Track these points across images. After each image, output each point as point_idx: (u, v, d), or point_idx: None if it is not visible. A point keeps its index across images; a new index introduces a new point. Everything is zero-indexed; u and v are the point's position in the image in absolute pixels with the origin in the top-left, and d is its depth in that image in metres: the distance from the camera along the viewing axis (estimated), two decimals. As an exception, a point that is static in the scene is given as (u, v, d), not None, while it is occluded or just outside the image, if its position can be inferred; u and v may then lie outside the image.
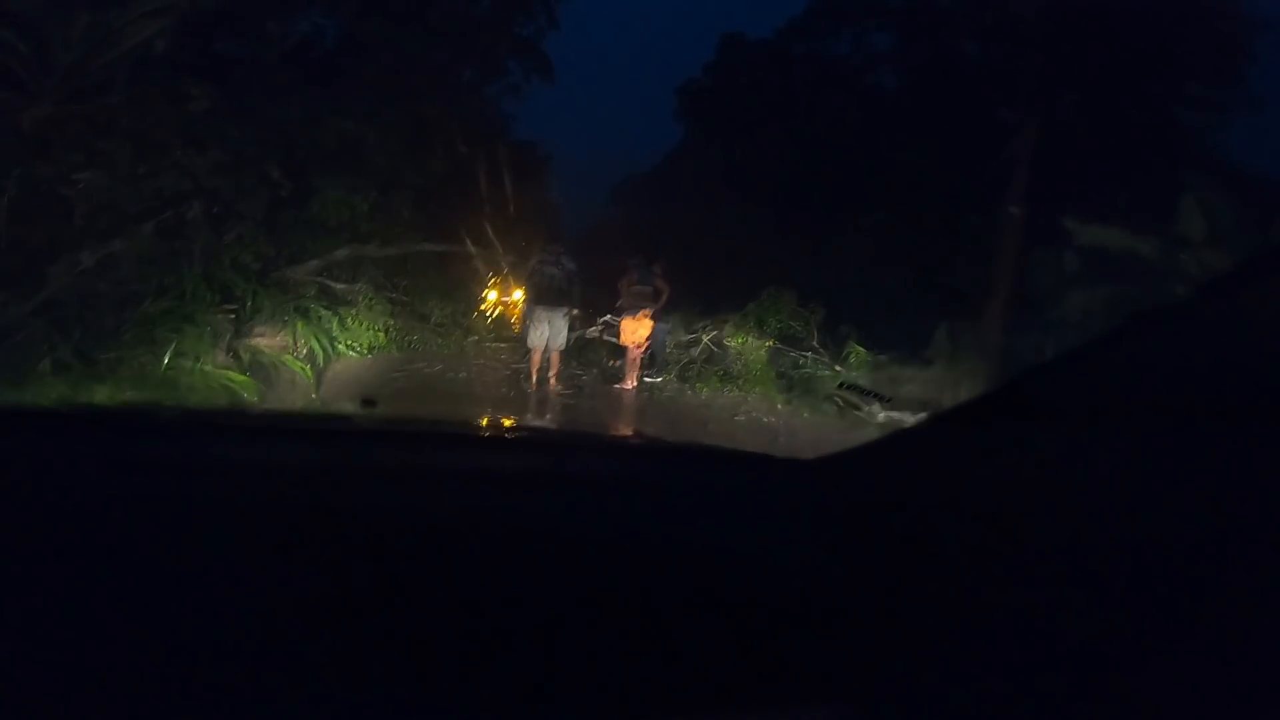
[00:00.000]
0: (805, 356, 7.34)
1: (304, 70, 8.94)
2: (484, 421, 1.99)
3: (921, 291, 7.85)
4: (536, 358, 6.20)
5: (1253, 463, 0.55)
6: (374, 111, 8.02)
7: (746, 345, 7.44)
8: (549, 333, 6.09)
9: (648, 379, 7.09)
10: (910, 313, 7.59)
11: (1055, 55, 9.58)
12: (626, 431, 3.12)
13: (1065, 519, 0.67)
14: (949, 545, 0.75)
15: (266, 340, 5.73)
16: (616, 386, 6.80)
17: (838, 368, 7.12)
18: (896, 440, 0.96)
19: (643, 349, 6.81)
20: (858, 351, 7.24)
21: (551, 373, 6.25)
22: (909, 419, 6.20)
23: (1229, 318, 0.59)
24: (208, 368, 4.77)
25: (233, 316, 5.49)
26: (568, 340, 6.37)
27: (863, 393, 4.88)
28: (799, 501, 0.95)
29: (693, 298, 7.82)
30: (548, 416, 5.40)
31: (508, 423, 2.10)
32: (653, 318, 6.80)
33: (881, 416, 6.31)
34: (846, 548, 0.82)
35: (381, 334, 6.88)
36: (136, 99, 6.05)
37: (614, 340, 7.37)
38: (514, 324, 8.88)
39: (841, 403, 6.64)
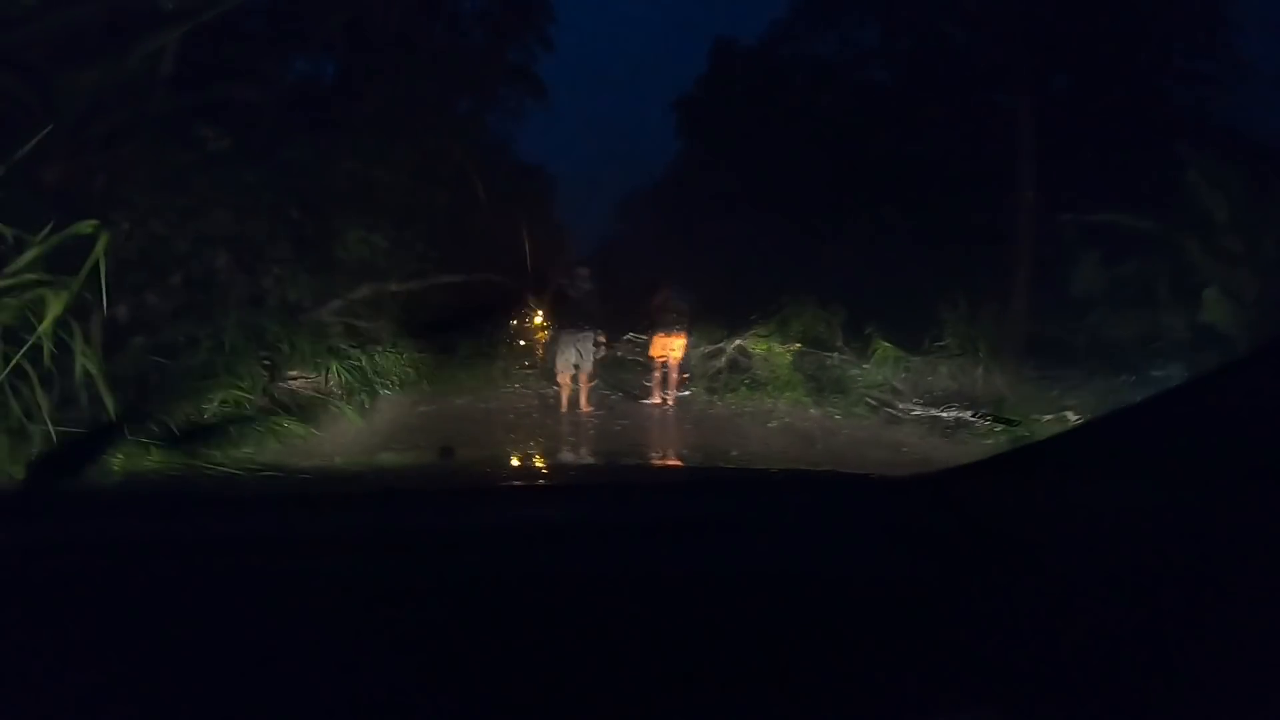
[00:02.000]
0: (831, 357, 7.35)
1: (306, 111, 9.03)
2: (554, 464, 1.94)
3: (937, 282, 7.86)
4: (566, 381, 6.19)
5: None
6: (380, 149, 8.10)
7: (771, 351, 7.46)
8: (575, 358, 6.10)
9: (677, 393, 7.09)
10: (928, 304, 7.60)
11: (1041, 36, 9.66)
12: (702, 458, 3.11)
13: (1135, 563, 0.68)
14: (1047, 563, 0.76)
15: (302, 383, 5.75)
16: (646, 403, 6.80)
17: (865, 366, 7.13)
18: (993, 461, 0.97)
19: (675, 365, 6.80)
20: (883, 348, 7.25)
21: (582, 396, 6.25)
22: (941, 415, 6.21)
23: None
24: (252, 414, 4.77)
25: (267, 362, 5.52)
26: (595, 363, 6.39)
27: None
28: (900, 521, 0.95)
29: (712, 308, 7.85)
30: (603, 446, 5.35)
31: (576, 461, 2.03)
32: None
33: (915, 412, 6.33)
34: (953, 565, 0.82)
35: (411, 369, 6.90)
36: (152, 146, 6.08)
37: (639, 358, 7.38)
38: (539, 351, 8.90)
39: (873, 402, 6.65)
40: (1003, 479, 0.92)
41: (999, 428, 5.50)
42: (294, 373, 5.74)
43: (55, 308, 3.22)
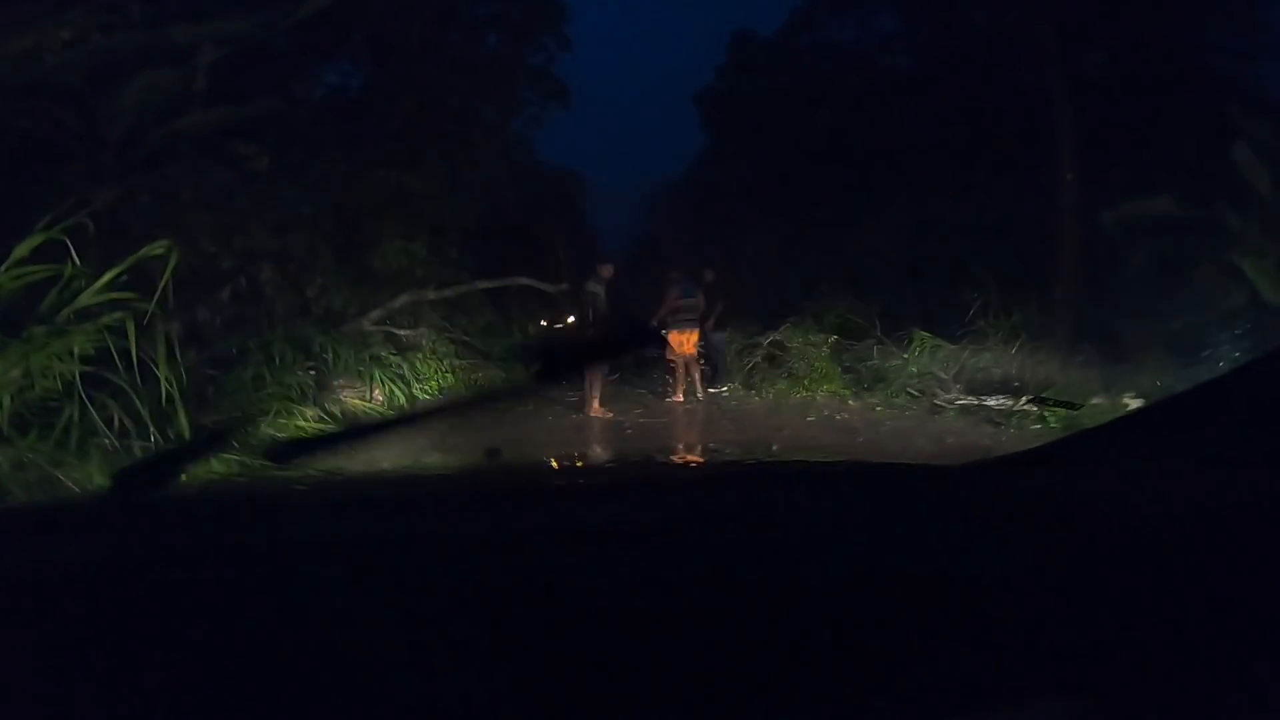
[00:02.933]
0: (870, 348, 7.27)
1: (337, 125, 9.21)
2: (587, 465, 1.95)
3: (976, 269, 7.72)
4: (597, 381, 6.27)
5: None
6: (411, 159, 8.23)
7: (807, 344, 7.40)
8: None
9: (713, 390, 7.08)
10: (967, 292, 7.47)
11: (1072, 13, 9.39)
12: (741, 453, 3.09)
13: (1196, 551, 0.68)
14: (1106, 551, 0.75)
15: (346, 392, 5.87)
16: (669, 401, 6.79)
17: (904, 356, 7.03)
18: (1050, 448, 0.94)
19: (697, 361, 6.79)
20: (921, 338, 7.15)
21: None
22: (987, 403, 6.11)
23: None
24: (303, 424, 4.89)
25: (313, 372, 5.65)
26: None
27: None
28: (956, 511, 0.93)
29: (745, 303, 7.82)
30: (630, 445, 5.39)
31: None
32: (709, 328, 6.79)
33: (960, 401, 6.23)
34: (1010, 556, 0.80)
35: (449, 375, 7.00)
36: (195, 166, 6.26)
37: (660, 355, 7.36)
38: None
39: (915, 392, 6.56)
40: (1061, 467, 0.90)
41: (1050, 414, 5.39)
42: (339, 381, 5.86)
43: (133, 328, 3.36)
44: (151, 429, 4.22)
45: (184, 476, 3.28)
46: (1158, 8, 9.93)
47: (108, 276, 3.95)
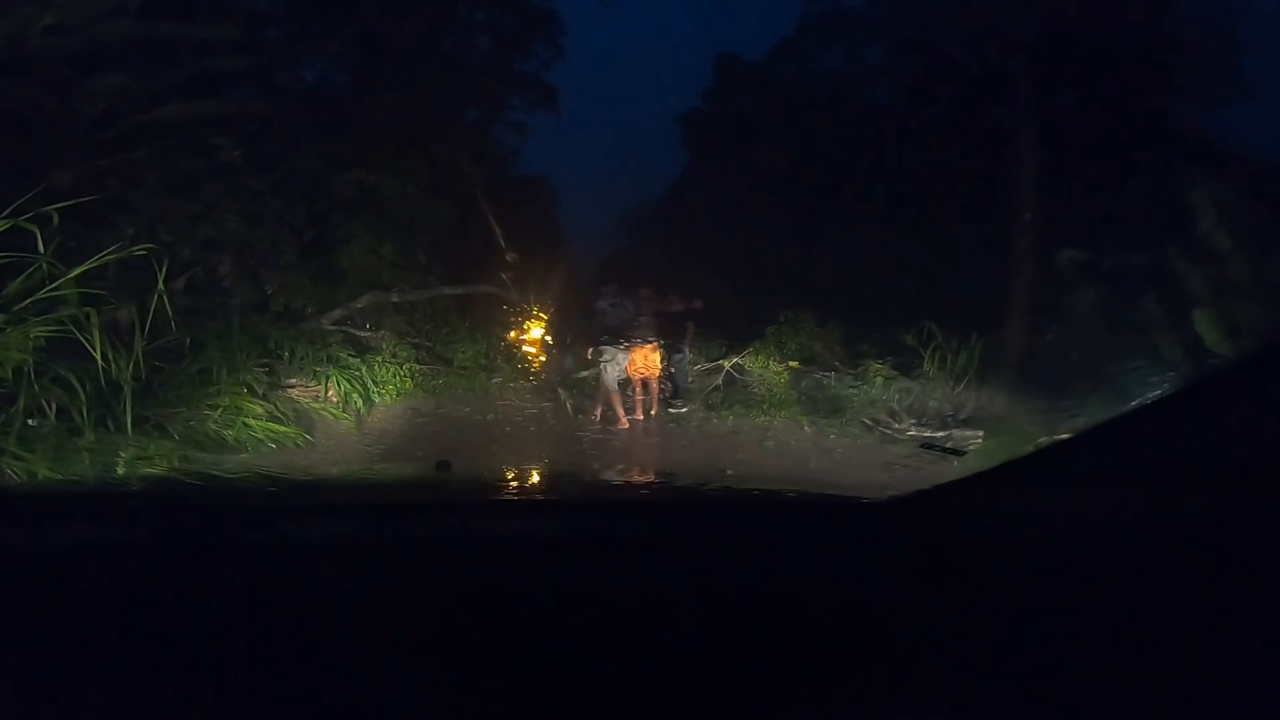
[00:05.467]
0: (828, 376, 7.39)
1: (316, 119, 9.14)
2: (540, 480, 1.96)
3: (931, 302, 7.90)
4: (616, 397, 6.43)
5: None
6: (388, 159, 8.19)
7: (768, 369, 7.49)
8: (619, 372, 6.38)
9: (671, 410, 7.11)
10: (922, 324, 7.64)
11: (1045, 56, 9.72)
12: (696, 476, 3.10)
13: (1126, 575, 0.69)
14: (1009, 585, 0.78)
15: (300, 390, 5.80)
16: (612, 427, 6.74)
17: (861, 385, 7.16)
18: (967, 484, 0.98)
19: (653, 381, 6.81)
20: (876, 369, 7.28)
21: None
22: (935, 435, 6.24)
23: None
24: (251, 421, 4.83)
25: (266, 368, 5.57)
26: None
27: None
28: (874, 545, 0.98)
29: (711, 324, 7.89)
30: (594, 462, 5.38)
31: (546, 479, 2.02)
32: (673, 348, 6.84)
33: (911, 433, 6.36)
34: (923, 584, 0.84)
35: (408, 379, 6.94)
36: (163, 153, 6.19)
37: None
38: (535, 363, 8.94)
39: (869, 422, 6.68)
40: (977, 497, 0.94)
41: (990, 446, 5.53)
42: (293, 380, 5.79)
43: (96, 320, 3.35)
44: (90, 420, 4.15)
45: (121, 469, 3.20)
46: (1128, 55, 10.31)
47: (78, 271, 3.91)
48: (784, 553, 0.97)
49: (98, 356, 3.94)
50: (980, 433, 5.85)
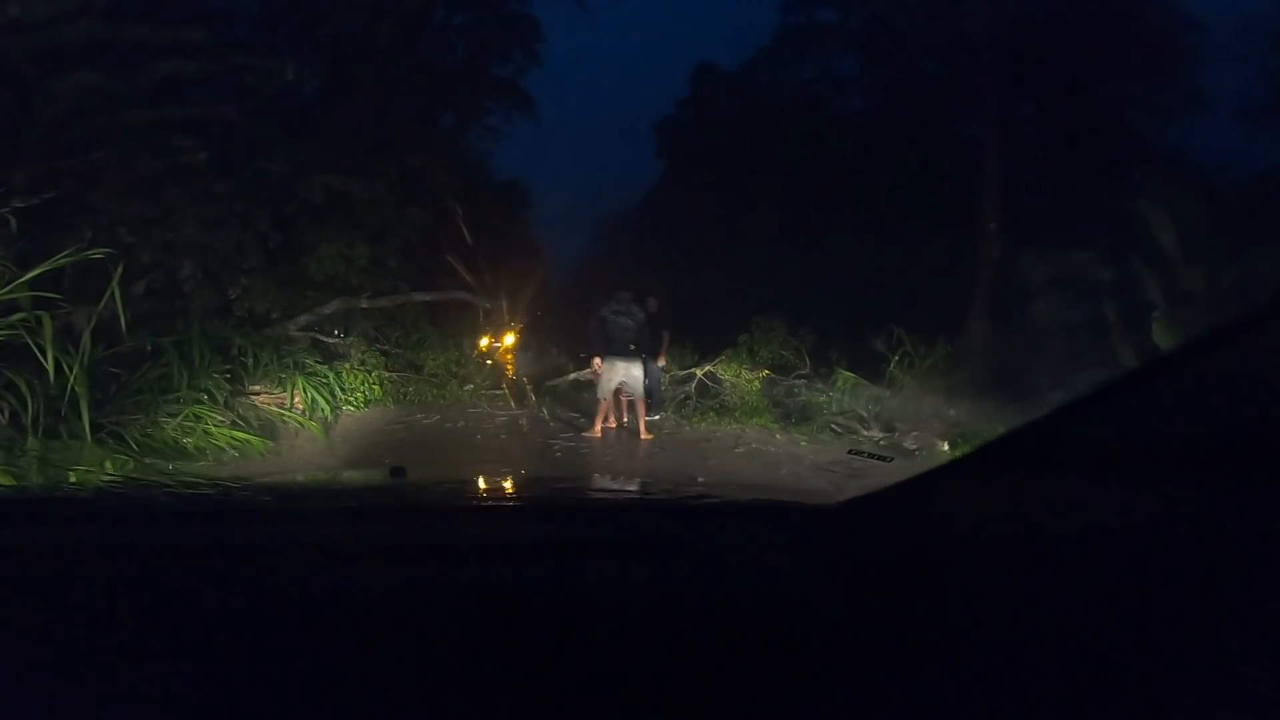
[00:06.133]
0: (799, 384, 7.46)
1: (285, 121, 9.00)
2: (508, 486, 1.96)
3: (899, 310, 8.04)
4: (604, 406, 6.38)
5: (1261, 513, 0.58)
6: (359, 163, 8.09)
7: (740, 377, 7.54)
8: (627, 381, 6.31)
9: (645, 418, 7.11)
10: (890, 332, 7.76)
11: (1009, 68, 9.98)
12: (643, 481, 3.11)
13: (1080, 564, 0.69)
14: (964, 586, 0.78)
15: (264, 397, 5.69)
16: (586, 434, 6.75)
17: (831, 393, 7.23)
18: (916, 484, 0.98)
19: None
20: (845, 376, 7.37)
21: (640, 420, 6.42)
22: (903, 440, 6.33)
23: (1240, 363, 0.62)
24: (212, 428, 4.72)
25: (229, 375, 5.46)
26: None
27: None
28: (825, 549, 0.99)
29: (684, 332, 7.92)
30: (564, 469, 5.35)
31: (514, 485, 2.03)
32: (648, 356, 6.84)
33: (879, 439, 6.44)
34: (870, 592, 0.85)
35: (377, 387, 6.85)
36: (124, 155, 6.04)
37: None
38: (508, 370, 8.89)
39: (838, 429, 6.75)
40: (930, 493, 0.95)
41: (955, 453, 5.63)
42: (257, 387, 5.68)
43: (49, 324, 3.27)
44: (43, 428, 4.03)
45: (73, 477, 3.11)
46: (1087, 69, 10.61)
47: (32, 274, 3.81)
48: (736, 557, 0.98)
49: (49, 363, 3.84)
50: (948, 439, 5.94)
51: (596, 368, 6.42)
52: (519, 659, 0.74)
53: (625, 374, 6.30)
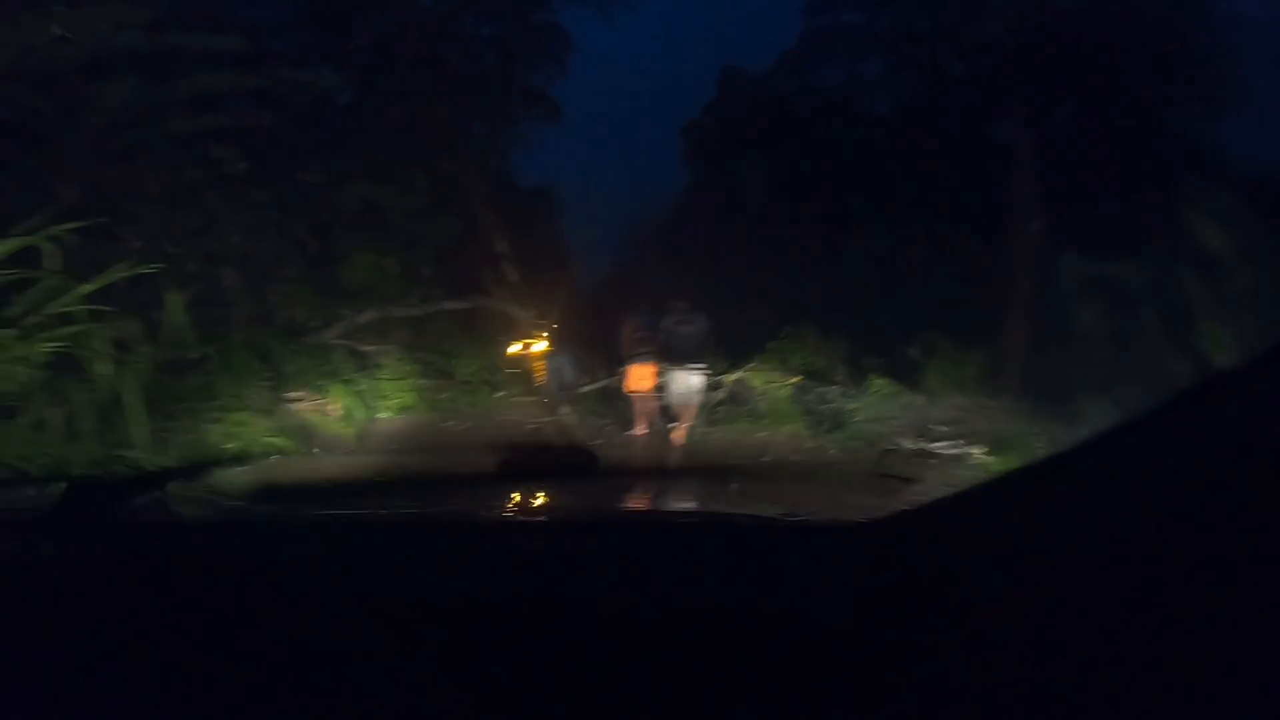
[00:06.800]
0: (830, 390, 7.37)
1: (320, 132, 9.19)
2: (538, 497, 1.96)
3: (934, 316, 7.90)
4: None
5: None
6: (392, 173, 8.22)
7: (771, 384, 7.48)
8: (686, 389, 6.36)
9: (671, 425, 7.09)
10: (925, 338, 7.63)
11: (1043, 67, 9.75)
12: (700, 490, 3.08)
13: (1115, 583, 0.67)
14: (1006, 613, 0.76)
15: (302, 404, 5.80)
16: (632, 433, 6.79)
17: (864, 400, 7.14)
18: (957, 501, 0.96)
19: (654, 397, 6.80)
20: (878, 383, 7.26)
21: (683, 427, 6.48)
22: (938, 448, 6.21)
23: None
24: (253, 434, 4.83)
25: (269, 382, 5.58)
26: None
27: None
28: (860, 571, 0.97)
29: (715, 339, 7.86)
30: (593, 478, 5.32)
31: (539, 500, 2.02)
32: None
33: (911, 447, 6.33)
34: (907, 617, 0.83)
35: (411, 394, 6.94)
36: (168, 164, 6.22)
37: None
38: (539, 377, 8.93)
39: (871, 436, 6.65)
40: (970, 513, 0.92)
41: (992, 462, 5.52)
42: (296, 394, 5.79)
43: (102, 336, 3.40)
44: (94, 433, 4.16)
45: (121, 484, 3.19)
46: (1125, 66, 10.34)
47: (86, 288, 3.94)
48: (770, 578, 0.97)
49: (101, 371, 3.96)
50: (984, 447, 5.82)
51: (640, 377, 6.47)
52: (542, 677, 0.74)
53: (686, 382, 6.36)
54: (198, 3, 7.47)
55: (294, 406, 5.63)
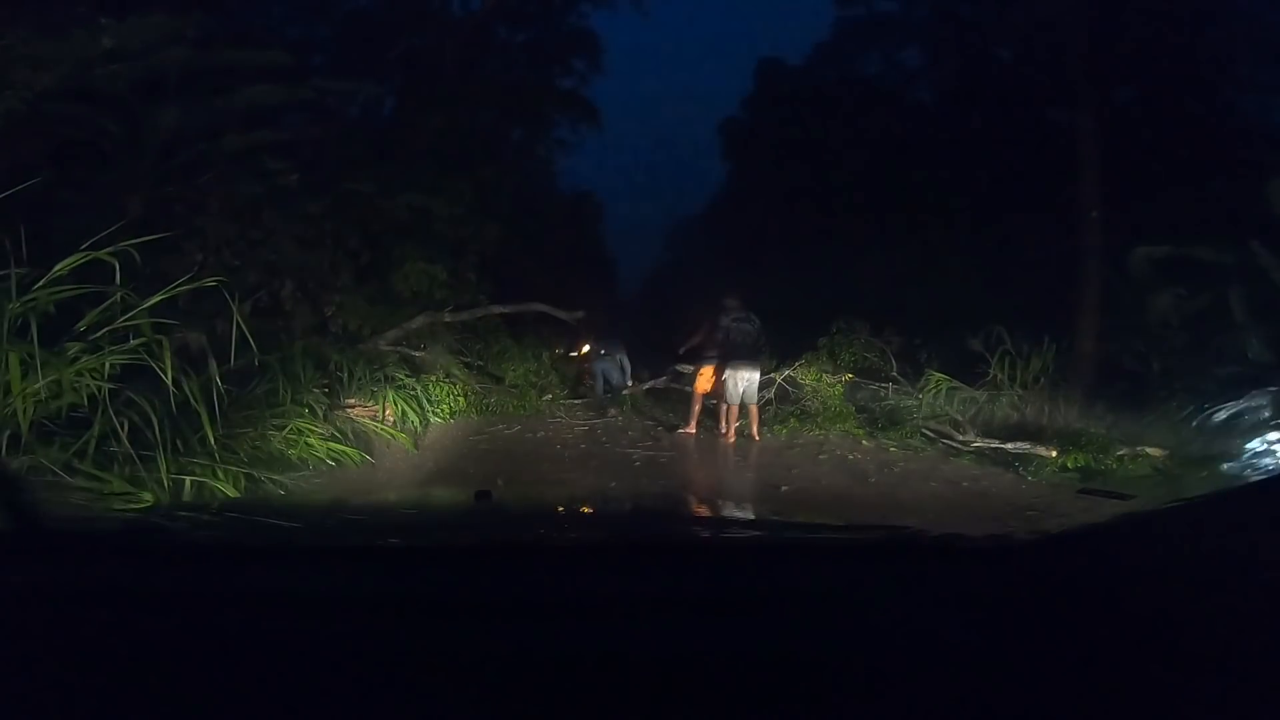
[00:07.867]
0: (885, 388, 7.17)
1: (366, 143, 9.39)
2: (585, 516, 1.86)
3: (994, 309, 7.61)
4: (733, 412, 6.49)
5: None
6: (436, 181, 8.35)
7: (821, 382, 7.31)
8: (745, 387, 6.44)
9: (729, 426, 6.99)
10: (985, 332, 7.36)
11: (1100, 49, 9.32)
12: (752, 493, 2.99)
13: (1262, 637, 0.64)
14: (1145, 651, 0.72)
15: (358, 410, 5.90)
16: (680, 432, 6.73)
17: (920, 396, 6.92)
18: (1132, 528, 0.89)
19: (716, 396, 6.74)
20: (937, 379, 7.04)
21: (753, 426, 6.54)
22: (1003, 447, 5.95)
23: None
24: (313, 440, 4.91)
25: (326, 389, 5.69)
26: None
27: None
28: (1015, 603, 0.87)
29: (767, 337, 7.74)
30: (651, 483, 5.22)
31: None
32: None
33: (976, 444, 6.09)
34: (1045, 636, 0.78)
35: (461, 399, 7.02)
36: (225, 177, 6.41)
37: (688, 389, 7.29)
38: (585, 378, 8.97)
39: (930, 434, 6.44)
40: (1100, 552, 0.85)
41: (1070, 461, 5.26)
42: (352, 400, 5.89)
43: (167, 349, 3.50)
44: (163, 442, 4.28)
45: (188, 492, 3.24)
46: (1188, 46, 9.85)
47: (152, 301, 4.06)
48: (892, 611, 0.87)
49: (169, 382, 4.06)
50: (1052, 446, 5.56)
51: (709, 377, 6.56)
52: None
53: (747, 381, 6.43)
54: (243, 20, 7.73)
55: (351, 413, 5.73)
